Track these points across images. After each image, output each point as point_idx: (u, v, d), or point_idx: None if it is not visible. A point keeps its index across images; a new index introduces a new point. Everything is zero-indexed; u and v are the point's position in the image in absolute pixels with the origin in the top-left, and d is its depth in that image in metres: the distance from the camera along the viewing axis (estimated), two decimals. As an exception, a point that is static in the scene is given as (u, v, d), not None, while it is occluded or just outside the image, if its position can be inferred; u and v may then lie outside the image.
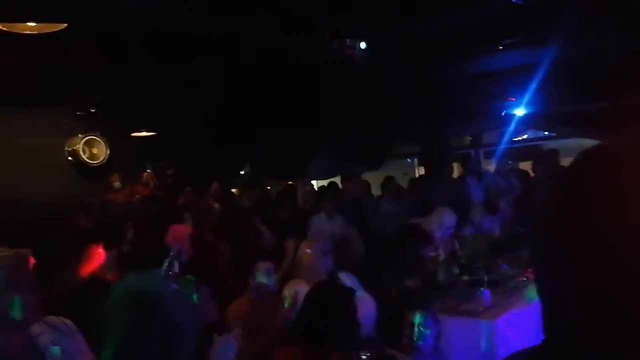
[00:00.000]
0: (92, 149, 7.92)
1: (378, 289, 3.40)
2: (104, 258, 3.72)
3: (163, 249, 3.04)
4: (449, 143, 9.39)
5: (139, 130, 8.50)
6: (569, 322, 0.66)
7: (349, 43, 5.11)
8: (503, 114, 7.29)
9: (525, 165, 8.12)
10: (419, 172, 10.66)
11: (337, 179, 8.48)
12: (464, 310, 3.74)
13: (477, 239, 5.20)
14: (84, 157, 7.82)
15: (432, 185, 7.07)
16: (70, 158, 7.89)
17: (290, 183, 8.76)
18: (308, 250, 4.05)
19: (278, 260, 4.32)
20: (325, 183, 8.75)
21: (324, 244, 4.31)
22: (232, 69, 6.06)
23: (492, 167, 7.88)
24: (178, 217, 4.97)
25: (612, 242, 0.61)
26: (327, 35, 5.02)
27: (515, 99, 6.94)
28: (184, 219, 4.99)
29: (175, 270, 2.76)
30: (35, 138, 7.35)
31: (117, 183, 7.70)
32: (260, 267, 3.55)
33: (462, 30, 5.03)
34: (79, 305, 1.91)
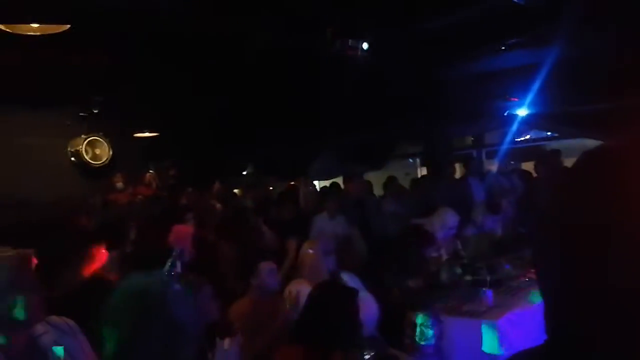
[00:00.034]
0: (94, 150, 7.93)
1: (380, 289, 3.40)
2: (107, 258, 3.72)
3: (165, 249, 3.04)
4: (451, 143, 9.39)
5: (142, 131, 8.51)
6: (571, 322, 0.66)
7: (351, 43, 5.11)
8: (505, 114, 7.28)
9: (528, 166, 8.10)
10: (421, 172, 10.66)
11: (339, 179, 8.49)
12: (467, 311, 3.73)
13: (479, 239, 5.20)
14: (87, 157, 7.83)
15: (434, 186, 7.07)
16: (73, 158, 7.90)
17: (293, 183, 8.77)
18: (310, 251, 4.05)
19: (280, 260, 4.32)
20: (328, 183, 8.76)
21: (326, 244, 4.32)
22: (234, 69, 6.06)
23: (494, 167, 7.88)
24: (180, 217, 4.98)
25: (614, 242, 0.61)
26: (329, 36, 5.02)
27: (518, 99, 6.93)
28: (186, 219, 5.00)
29: (178, 271, 2.76)
30: (38, 138, 7.35)
31: (119, 183, 7.72)
32: (263, 267, 3.55)
33: (464, 30, 5.02)
34: (82, 306, 1.91)
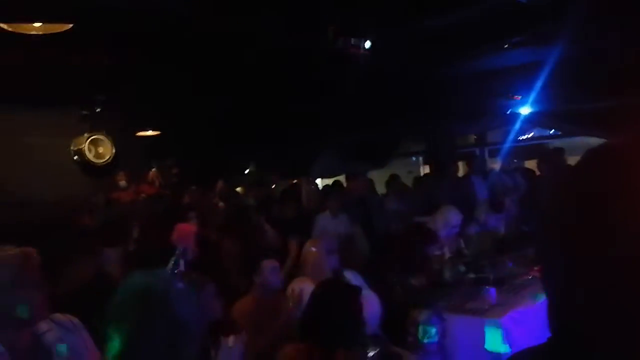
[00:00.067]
0: (97, 148, 7.94)
1: (383, 287, 3.39)
2: (110, 256, 3.73)
3: (168, 248, 3.05)
4: (454, 142, 9.38)
5: (144, 129, 8.52)
6: (574, 320, 0.66)
7: (354, 42, 5.10)
8: (508, 113, 7.27)
9: (531, 164, 8.09)
10: (424, 170, 10.65)
11: (342, 178, 8.49)
12: (470, 309, 3.72)
13: (482, 237, 5.19)
14: (90, 156, 7.84)
15: (437, 184, 7.06)
16: (76, 157, 7.92)
17: (295, 182, 8.77)
18: (313, 249, 4.05)
19: (282, 259, 4.33)
20: (330, 181, 8.75)
21: (329, 243, 4.31)
22: (237, 68, 6.06)
23: (497, 165, 7.87)
24: (183, 215, 4.99)
25: (618, 241, 0.61)
26: (331, 34, 5.01)
27: (521, 98, 6.91)
28: (189, 218, 5.01)
29: (181, 269, 2.77)
30: (41, 138, 7.37)
31: (122, 182, 7.73)
32: (265, 265, 3.55)
33: (467, 29, 5.01)
34: (85, 303, 1.92)
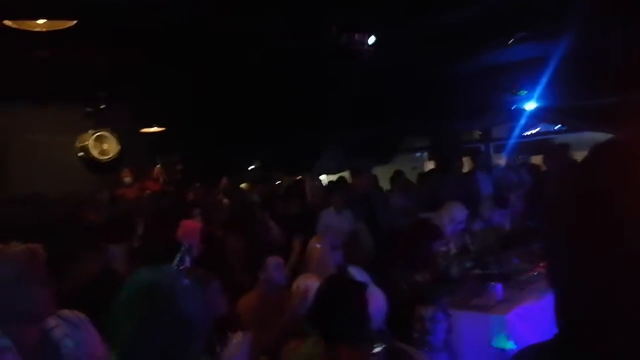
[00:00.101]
0: (102, 145, 7.96)
1: (387, 283, 3.39)
2: (115, 253, 3.75)
3: (174, 244, 3.05)
4: (459, 137, 9.35)
5: (149, 126, 8.54)
6: (581, 316, 0.66)
7: (357, 38, 5.09)
8: (513, 108, 7.24)
9: (537, 160, 8.06)
10: (428, 166, 10.63)
11: (346, 174, 8.48)
12: (475, 305, 3.71)
13: (486, 233, 5.18)
14: (95, 153, 7.87)
15: (441, 180, 7.05)
16: (81, 154, 7.95)
17: (299, 178, 8.78)
18: (317, 245, 4.05)
19: (287, 255, 4.34)
20: (335, 178, 8.75)
21: (333, 239, 4.32)
22: (241, 65, 6.06)
23: (502, 161, 7.84)
24: (187, 212, 5.00)
25: (625, 237, 0.60)
26: (335, 30, 5.00)
27: (526, 93, 6.88)
28: (194, 215, 5.01)
29: (187, 265, 2.78)
30: (46, 135, 7.39)
31: (127, 178, 7.75)
32: (270, 261, 3.56)
33: (472, 24, 4.99)
34: (92, 299, 1.93)
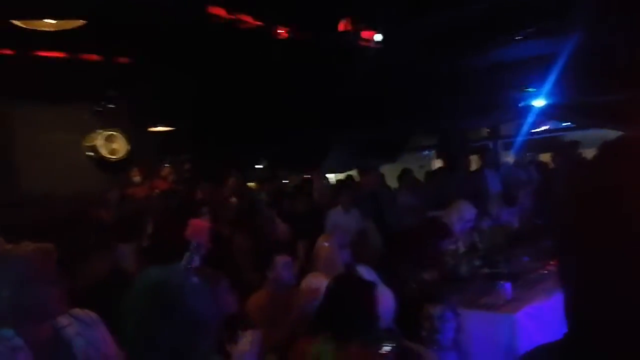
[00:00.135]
0: (111, 144, 8.00)
1: (396, 282, 3.39)
2: (125, 252, 3.78)
3: (183, 243, 3.07)
4: (467, 135, 9.32)
5: (158, 125, 8.57)
6: (591, 315, 0.65)
7: (365, 35, 5.08)
8: (521, 105, 7.20)
9: (546, 157, 8.01)
10: (436, 164, 10.59)
11: (354, 172, 8.47)
12: (484, 304, 3.70)
13: (495, 231, 5.15)
14: (104, 152, 7.91)
15: (449, 178, 7.02)
16: (91, 153, 7.99)
17: (307, 177, 8.77)
18: (325, 244, 4.06)
19: (294, 254, 4.35)
20: (342, 176, 8.74)
21: (341, 238, 4.32)
22: (249, 65, 6.08)
23: (510, 158, 7.80)
24: (195, 211, 5.01)
25: (634, 234, 0.60)
26: (341, 28, 5.00)
27: (535, 90, 6.84)
28: (202, 213, 5.03)
29: (196, 264, 2.79)
30: (56, 134, 7.44)
31: (137, 178, 7.78)
32: (278, 260, 3.57)
33: (479, 21, 4.97)
34: (103, 298, 1.94)
